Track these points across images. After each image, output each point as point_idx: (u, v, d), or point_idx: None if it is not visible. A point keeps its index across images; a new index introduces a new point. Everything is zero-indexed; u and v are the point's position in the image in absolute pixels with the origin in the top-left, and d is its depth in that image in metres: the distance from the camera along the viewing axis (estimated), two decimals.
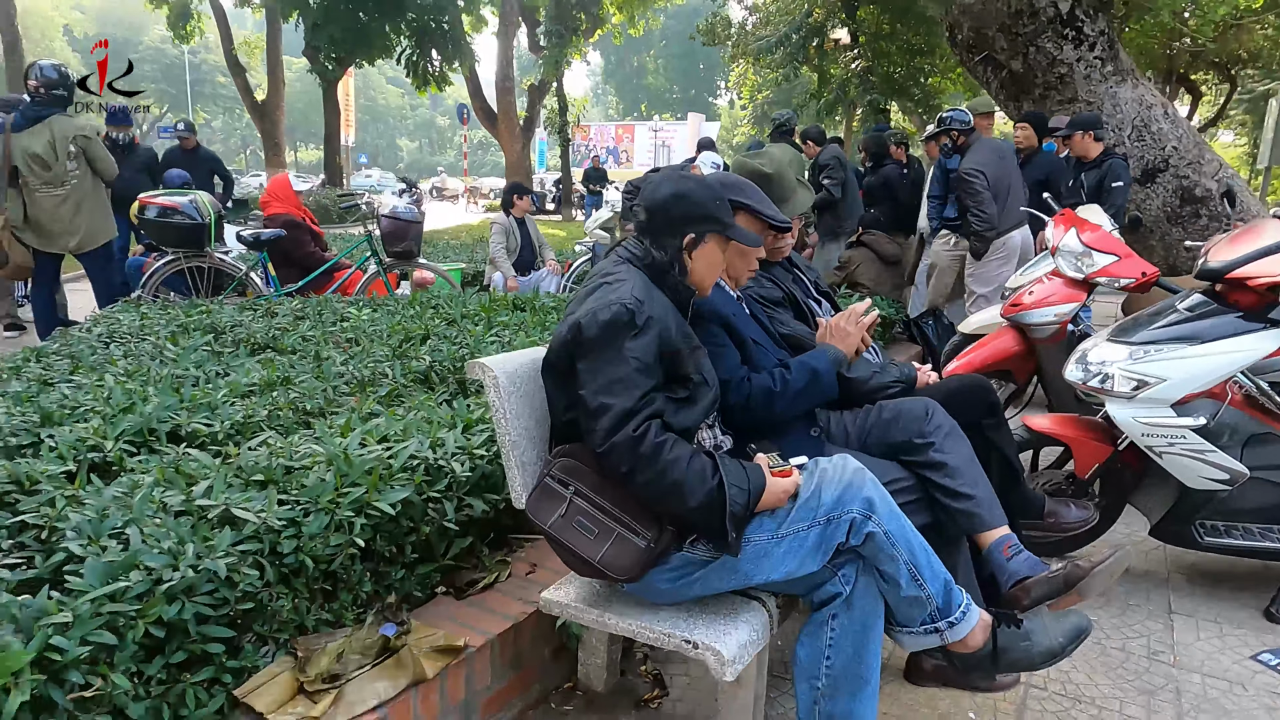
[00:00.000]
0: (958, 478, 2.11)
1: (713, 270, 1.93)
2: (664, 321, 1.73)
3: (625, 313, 1.68)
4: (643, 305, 1.70)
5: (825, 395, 2.12)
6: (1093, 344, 2.85)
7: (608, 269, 1.85)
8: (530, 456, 1.88)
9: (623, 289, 1.73)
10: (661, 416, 1.67)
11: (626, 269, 1.82)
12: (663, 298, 1.81)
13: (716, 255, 1.92)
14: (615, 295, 1.71)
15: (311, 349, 3.78)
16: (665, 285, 1.85)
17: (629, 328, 1.67)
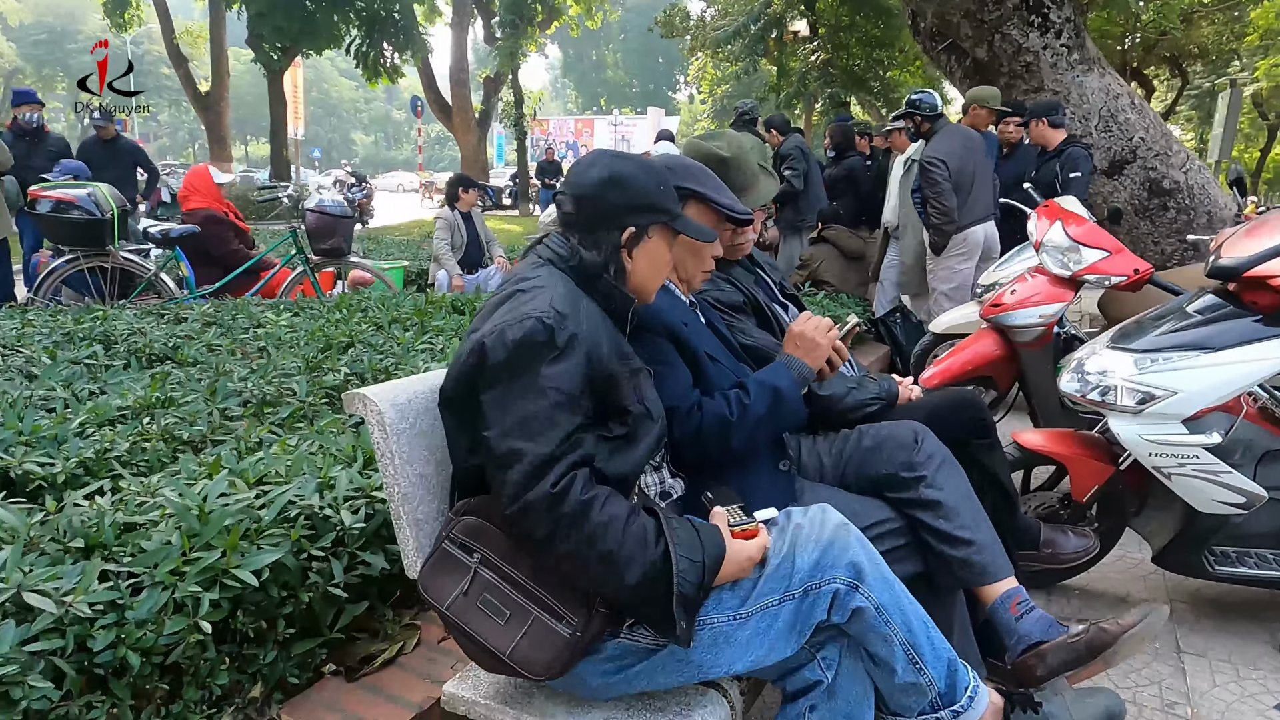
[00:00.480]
0: (954, 519, 1.76)
1: (658, 272, 1.56)
2: (593, 339, 1.35)
3: (541, 330, 1.30)
4: (565, 319, 1.32)
5: (791, 421, 1.76)
6: (1090, 351, 2.54)
7: (523, 273, 1.46)
8: (428, 512, 1.48)
9: (539, 299, 1.35)
10: (590, 463, 1.30)
11: (547, 273, 1.44)
12: (593, 308, 1.43)
13: (662, 253, 1.55)
14: (529, 307, 1.33)
15: (216, 361, 3.33)
16: (596, 292, 1.47)
17: (546, 349, 1.29)
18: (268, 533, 1.66)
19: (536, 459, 1.24)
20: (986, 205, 5.48)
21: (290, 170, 24.04)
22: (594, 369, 1.34)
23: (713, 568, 1.29)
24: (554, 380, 1.28)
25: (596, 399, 1.36)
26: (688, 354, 1.75)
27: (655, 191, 1.50)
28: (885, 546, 1.76)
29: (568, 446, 1.26)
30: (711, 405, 1.69)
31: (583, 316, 1.36)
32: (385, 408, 1.42)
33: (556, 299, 1.35)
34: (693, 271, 1.86)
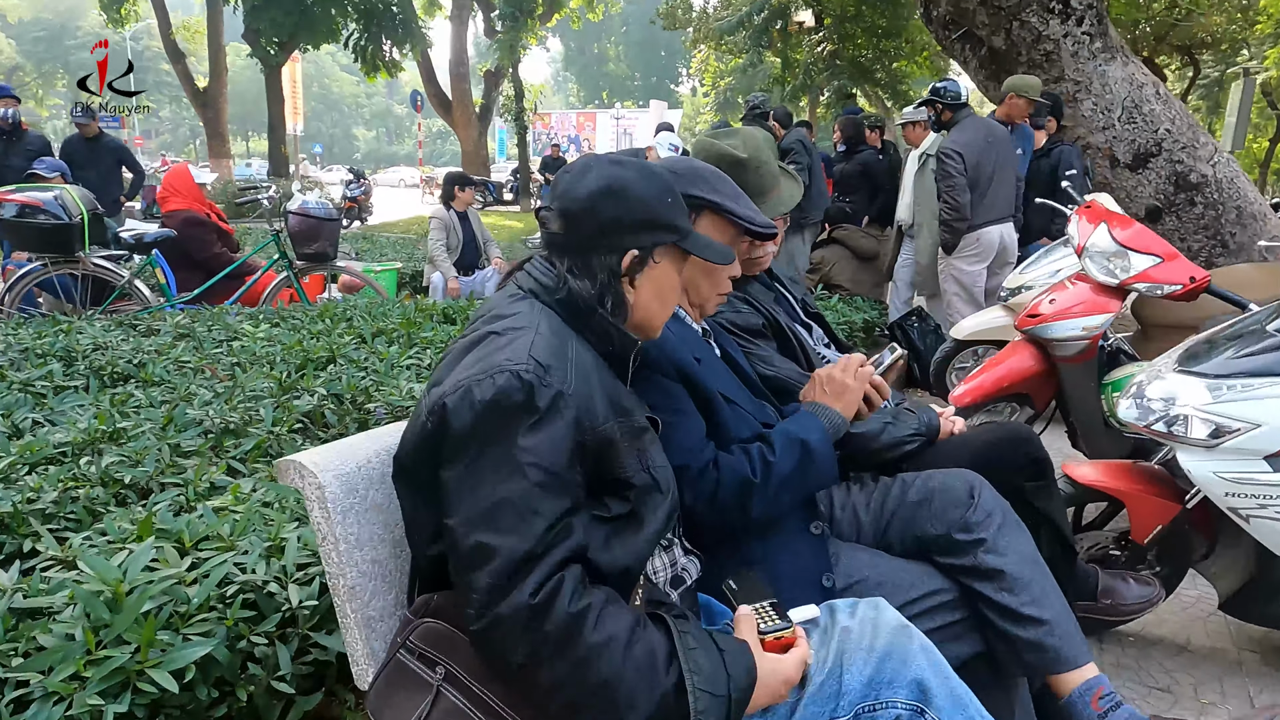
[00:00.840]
0: (1021, 592, 1.48)
1: (665, 303, 1.28)
2: (585, 396, 1.07)
3: (517, 388, 1.02)
4: (548, 373, 1.04)
5: (822, 481, 1.49)
6: (1153, 374, 2.25)
7: (497, 308, 1.18)
8: (383, 607, 1.20)
9: (516, 345, 1.07)
10: (583, 558, 1.01)
11: (527, 308, 1.16)
12: (585, 352, 1.15)
13: (670, 280, 1.27)
14: (502, 357, 1.05)
15: (183, 381, 3.05)
16: (590, 330, 1.18)
17: (524, 413, 1.02)
18: (197, 618, 1.38)
19: (511, 559, 0.96)
20: (1005, 205, 5.18)
21: (289, 166, 23.78)
22: (586, 434, 1.05)
23: (741, 701, 1.00)
24: (534, 453, 1.00)
25: (590, 468, 1.07)
26: (700, 397, 1.46)
27: (661, 205, 1.21)
28: (937, 623, 1.49)
29: (552, 540, 0.98)
30: (730, 463, 1.40)
31: (571, 367, 1.08)
32: (326, 479, 1.14)
33: (538, 345, 1.07)
34: (706, 295, 1.57)
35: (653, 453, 1.16)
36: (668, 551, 1.29)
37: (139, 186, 7.70)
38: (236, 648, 1.40)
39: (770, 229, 1.55)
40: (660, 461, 1.17)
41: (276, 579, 1.50)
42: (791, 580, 1.46)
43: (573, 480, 1.03)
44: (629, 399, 1.17)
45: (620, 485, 1.10)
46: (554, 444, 1.01)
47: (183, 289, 5.24)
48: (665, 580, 1.26)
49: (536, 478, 0.99)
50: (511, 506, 0.98)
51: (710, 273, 1.54)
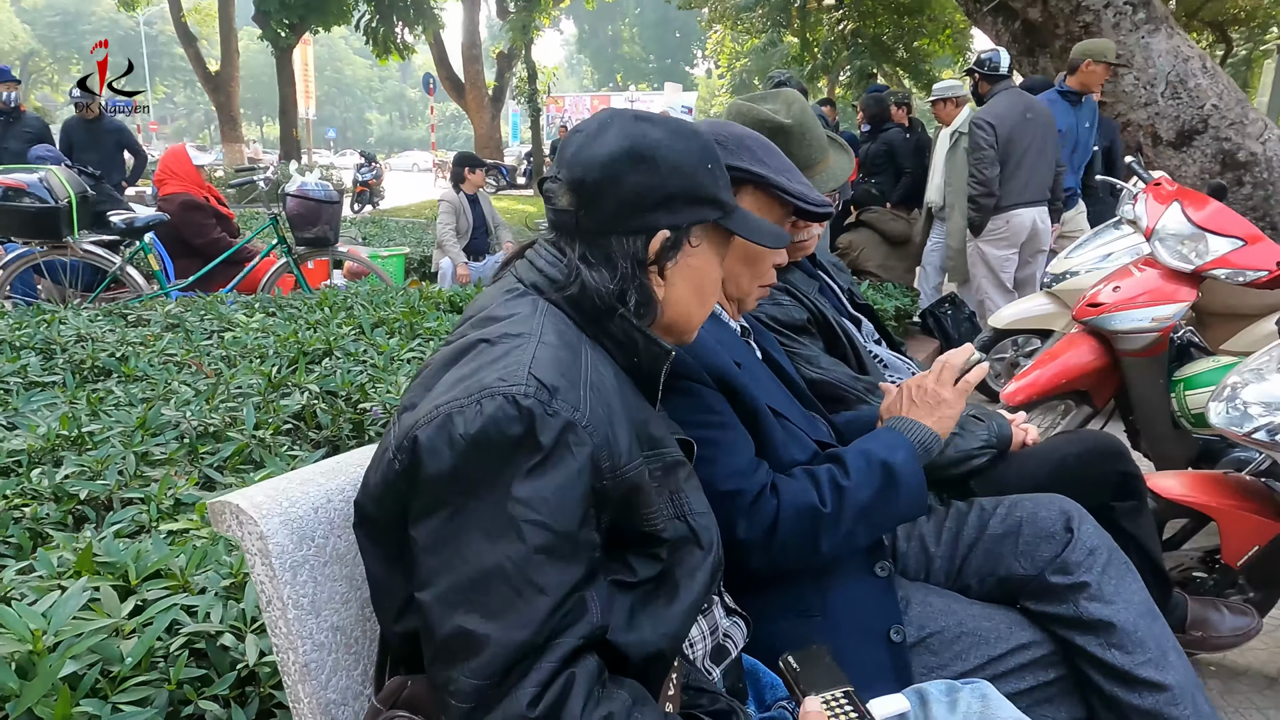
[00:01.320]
0: (1135, 650, 1.21)
1: (704, 299, 1.01)
2: (603, 425, 0.82)
3: (514, 417, 0.76)
4: (555, 397, 0.79)
5: (906, 513, 1.22)
6: (1252, 376, 1.96)
7: (491, 308, 0.92)
8: (347, 687, 0.95)
9: (513, 358, 0.81)
10: (598, 644, 0.76)
11: (528, 309, 0.90)
12: (603, 364, 0.89)
13: (710, 268, 1.00)
14: (495, 375, 0.80)
15: (164, 377, 2.82)
16: (608, 337, 0.92)
17: (522, 451, 0.76)
18: (132, 680, 1.14)
19: (502, 653, 0.70)
20: (1040, 188, 4.86)
21: (301, 151, 23.58)
22: (605, 478, 0.79)
23: None
24: (535, 506, 0.74)
25: (610, 519, 0.81)
26: (745, 411, 1.20)
27: (701, 172, 0.94)
28: (1028, 684, 1.23)
29: (558, 624, 0.72)
30: (792, 489, 1.14)
31: (585, 388, 0.82)
32: (271, 527, 0.88)
33: (542, 359, 0.81)
34: (747, 288, 1.31)
35: (689, 495, 0.90)
36: (706, 616, 1.03)
37: (141, 171, 7.49)
38: (180, 715, 1.16)
39: (827, 207, 1.28)
40: (700, 507, 0.91)
41: (234, 628, 1.25)
42: (852, 633, 1.21)
43: (587, 541, 0.78)
44: (658, 424, 0.92)
45: (648, 540, 0.84)
46: (562, 493, 0.76)
47: (181, 275, 5.02)
48: (704, 654, 1.00)
49: (538, 540, 0.74)
50: (504, 580, 0.72)
51: (754, 261, 1.28)
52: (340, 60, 65.94)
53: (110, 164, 7.03)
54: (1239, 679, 2.22)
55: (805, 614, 1.20)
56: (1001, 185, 4.76)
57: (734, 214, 0.99)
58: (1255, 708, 2.10)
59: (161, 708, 1.13)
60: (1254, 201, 6.69)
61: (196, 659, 1.24)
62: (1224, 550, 2.03)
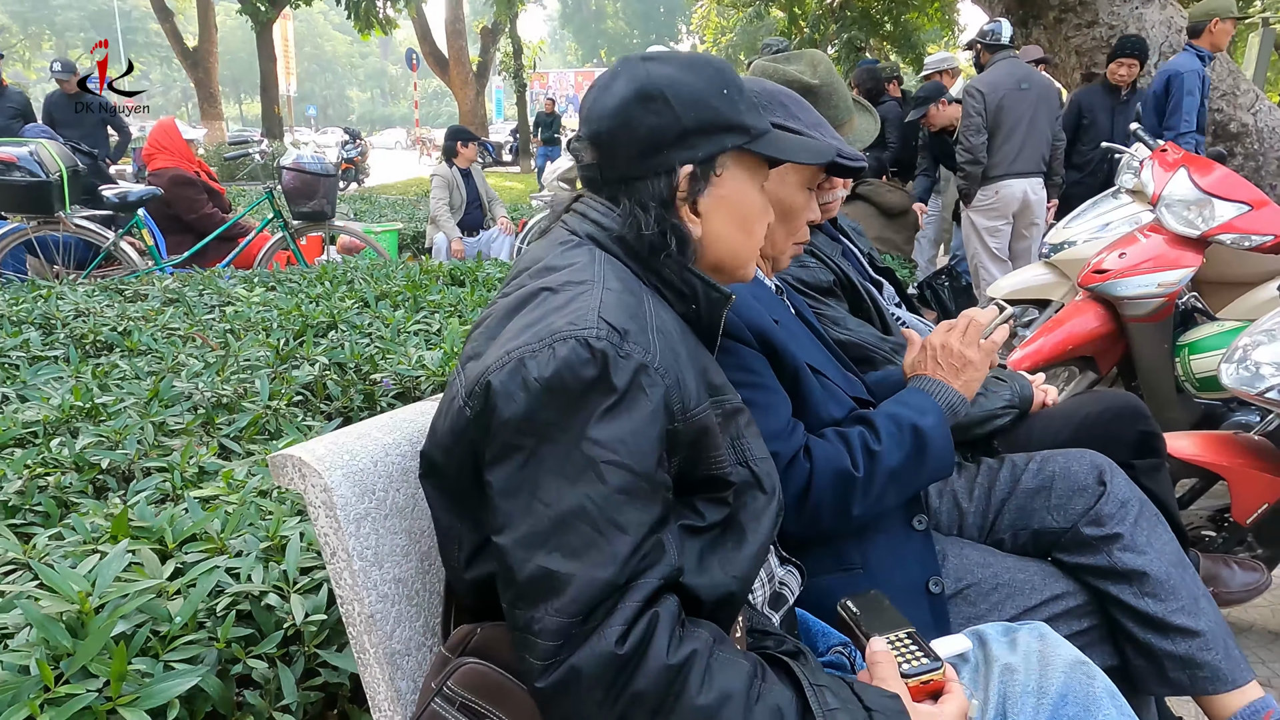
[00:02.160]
0: (1167, 598, 1.24)
1: (748, 228, 0.98)
2: (673, 367, 0.82)
3: (588, 360, 0.77)
4: (626, 339, 0.79)
5: (936, 474, 1.23)
6: (1263, 336, 1.99)
7: (549, 258, 0.92)
8: (410, 637, 0.95)
9: (580, 303, 0.81)
10: (676, 586, 0.77)
11: (587, 257, 0.90)
12: (665, 314, 0.89)
13: (748, 195, 0.97)
14: (565, 320, 0.79)
15: (171, 350, 2.79)
16: (666, 285, 0.93)
17: (598, 393, 0.76)
18: (181, 640, 1.14)
19: (588, 591, 0.71)
20: (1033, 160, 4.86)
21: (283, 128, 23.25)
22: (678, 420, 0.80)
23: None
24: (613, 447, 0.75)
25: (679, 464, 0.82)
26: (785, 369, 1.21)
27: (717, 99, 0.92)
28: (1064, 631, 1.25)
29: (640, 564, 0.73)
30: (825, 452, 1.15)
31: (653, 331, 0.82)
32: (335, 479, 0.88)
33: (609, 303, 0.81)
34: (782, 244, 1.31)
35: (750, 441, 0.90)
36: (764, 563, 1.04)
37: (124, 148, 7.37)
38: (230, 673, 1.16)
39: (861, 161, 1.28)
40: (760, 453, 0.91)
41: (276, 588, 1.26)
42: (892, 586, 1.22)
43: (662, 482, 0.78)
44: (717, 371, 0.92)
45: (715, 484, 0.85)
46: (639, 434, 0.76)
47: (173, 252, 4.96)
48: (763, 600, 1.02)
49: (618, 480, 0.74)
50: (585, 520, 0.73)
51: (788, 215, 1.27)
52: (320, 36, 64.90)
53: (94, 139, 6.91)
54: (1244, 634, 2.27)
55: (847, 568, 1.22)
56: (990, 154, 4.76)
57: (764, 137, 0.96)
58: (1260, 661, 2.15)
59: (212, 665, 1.13)
60: (1245, 172, 6.73)
61: (242, 620, 1.24)
62: (1234, 508, 2.07)
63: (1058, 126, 4.98)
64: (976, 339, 1.27)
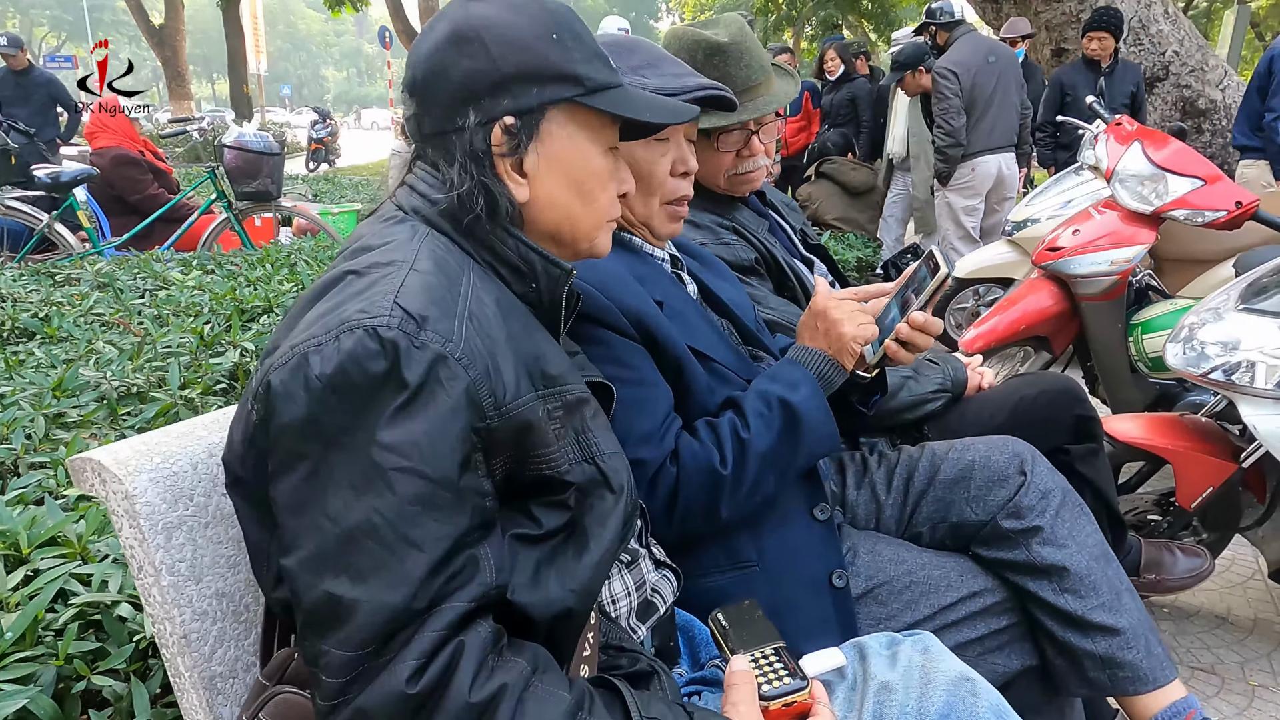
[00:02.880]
0: (1088, 594, 1.17)
1: (584, 193, 0.87)
2: (483, 356, 0.72)
3: (375, 352, 0.67)
4: (424, 327, 0.69)
5: (815, 450, 1.14)
6: (1209, 315, 1.92)
7: (367, 237, 0.82)
8: (236, 660, 0.86)
9: (379, 289, 0.72)
10: (492, 607, 0.68)
11: (406, 235, 0.80)
12: (490, 295, 0.79)
13: (581, 157, 0.85)
14: (356, 308, 0.70)
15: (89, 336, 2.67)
16: (501, 263, 0.83)
17: (385, 390, 0.67)
18: (14, 656, 1.04)
19: (376, 619, 0.62)
20: (1006, 134, 4.81)
21: (252, 108, 22.80)
22: (489, 416, 0.71)
23: None
24: (405, 451, 0.65)
25: (504, 467, 0.73)
26: (668, 359, 1.11)
27: (544, 44, 0.81)
28: (980, 632, 1.19)
29: (442, 587, 0.64)
30: (693, 451, 1.06)
31: (462, 316, 0.73)
32: (138, 485, 0.79)
33: (411, 287, 0.72)
34: (646, 209, 1.19)
35: (598, 435, 0.81)
36: (632, 569, 0.95)
37: (75, 127, 7.13)
38: (71, 692, 1.06)
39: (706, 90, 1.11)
40: (610, 448, 0.82)
41: (131, 599, 1.16)
42: (792, 582, 1.15)
43: (472, 488, 0.69)
44: (558, 360, 0.82)
45: (549, 485, 0.75)
46: (435, 435, 0.67)
47: (118, 233, 4.80)
48: (629, 611, 0.93)
49: (410, 489, 0.65)
50: (374, 537, 0.64)
51: (641, 175, 1.14)
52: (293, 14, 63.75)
53: (42, 119, 6.68)
54: (1191, 620, 2.23)
55: (742, 565, 1.13)
56: (966, 133, 4.70)
57: (604, 92, 0.84)
58: (1206, 647, 2.10)
59: (48, 684, 1.03)
60: (1213, 149, 6.70)
61: (93, 631, 1.14)
62: (1179, 492, 2.01)
63: (1025, 96, 4.92)
64: (848, 303, 1.16)
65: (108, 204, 4.90)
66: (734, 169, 1.54)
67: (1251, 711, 1.89)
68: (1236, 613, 2.26)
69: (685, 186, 1.19)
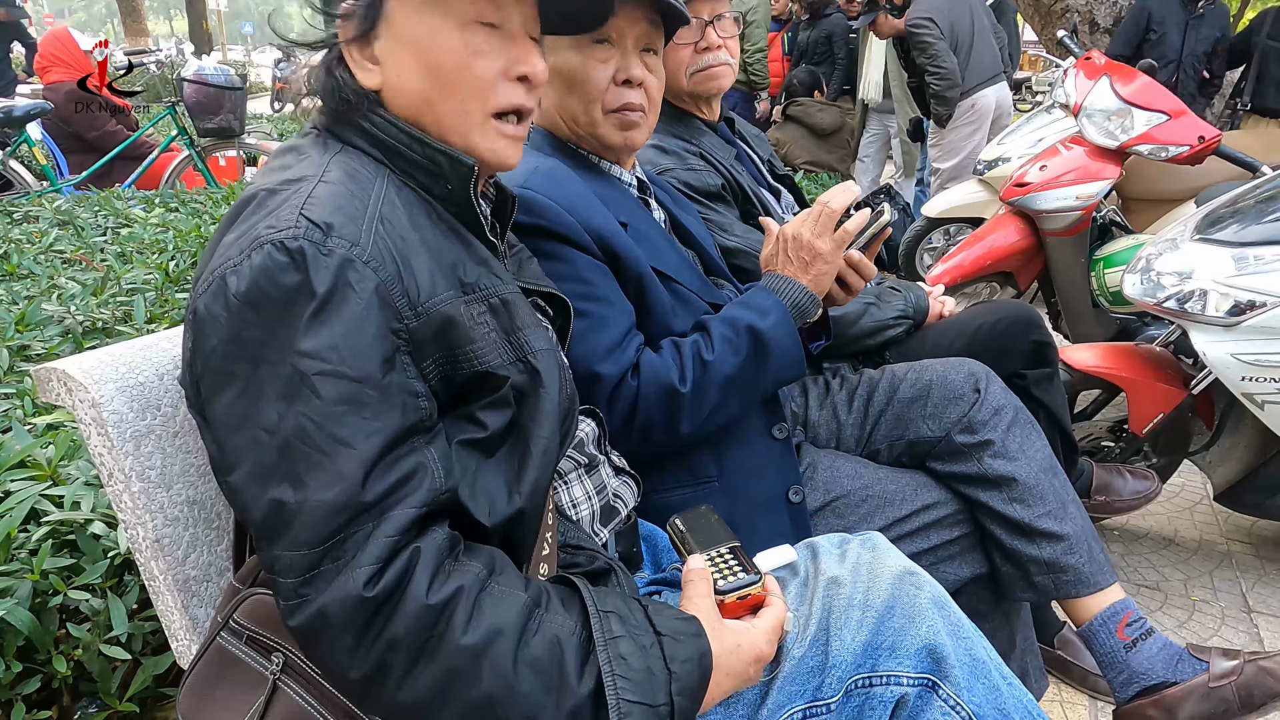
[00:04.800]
0: (1035, 503, 1.22)
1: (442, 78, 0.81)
2: (392, 256, 0.73)
3: (284, 265, 0.68)
4: (330, 234, 0.70)
5: (781, 377, 1.17)
6: (1166, 246, 1.96)
7: (282, 155, 0.83)
8: (208, 563, 0.88)
9: (290, 201, 0.72)
10: (446, 509, 0.71)
11: (317, 150, 0.81)
12: (401, 199, 0.79)
13: (432, 35, 0.80)
14: (265, 224, 0.71)
15: (51, 272, 2.63)
16: (415, 169, 0.82)
17: (298, 299, 0.68)
18: None
19: (315, 517, 0.65)
20: (993, 63, 4.80)
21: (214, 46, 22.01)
22: (404, 317, 0.72)
23: (688, 709, 0.70)
24: (324, 355, 0.67)
25: (436, 370, 0.75)
26: (630, 278, 1.13)
27: None
28: (933, 542, 1.24)
29: (389, 485, 0.67)
30: (654, 366, 1.09)
31: (370, 220, 0.73)
32: (105, 393, 0.80)
33: (318, 198, 0.72)
34: (587, 116, 1.19)
35: (528, 333, 0.81)
36: (592, 474, 0.98)
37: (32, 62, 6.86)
38: (48, 606, 1.09)
39: None
40: (540, 344, 0.82)
41: (105, 516, 1.17)
42: (750, 497, 1.19)
43: (400, 386, 0.70)
44: (477, 261, 0.81)
45: (486, 382, 0.77)
46: (352, 336, 0.68)
47: (76, 171, 4.67)
48: (592, 515, 0.96)
49: (334, 391, 0.66)
50: (307, 441, 0.65)
51: (574, 82, 1.15)
52: None
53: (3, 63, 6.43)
54: (1139, 541, 2.33)
55: (701, 481, 1.17)
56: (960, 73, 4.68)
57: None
58: (1153, 566, 2.20)
59: (24, 598, 1.05)
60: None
61: (68, 549, 1.16)
62: (1131, 418, 2.08)
63: (995, 23, 4.92)
64: (829, 229, 1.18)
65: (64, 141, 4.75)
66: (693, 65, 1.52)
67: (1191, 624, 2.00)
68: (1183, 534, 2.36)
69: (630, 95, 1.18)
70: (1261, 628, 1.98)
